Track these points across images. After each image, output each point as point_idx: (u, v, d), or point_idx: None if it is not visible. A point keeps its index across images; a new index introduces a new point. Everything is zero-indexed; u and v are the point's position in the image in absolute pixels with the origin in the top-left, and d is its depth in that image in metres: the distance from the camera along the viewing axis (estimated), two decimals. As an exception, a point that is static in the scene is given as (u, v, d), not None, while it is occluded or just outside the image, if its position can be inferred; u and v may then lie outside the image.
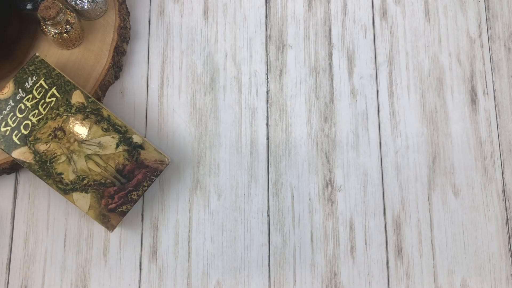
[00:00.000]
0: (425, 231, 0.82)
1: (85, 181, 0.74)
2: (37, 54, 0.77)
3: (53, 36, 0.79)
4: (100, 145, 0.75)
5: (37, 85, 0.76)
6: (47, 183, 0.75)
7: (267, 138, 0.84)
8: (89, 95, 0.76)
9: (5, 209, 0.82)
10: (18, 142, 0.75)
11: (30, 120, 0.75)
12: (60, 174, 0.75)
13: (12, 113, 0.75)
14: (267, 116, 0.85)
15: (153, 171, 0.76)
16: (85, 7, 0.80)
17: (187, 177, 0.83)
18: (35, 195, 0.82)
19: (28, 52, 0.83)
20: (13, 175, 0.83)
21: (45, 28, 0.78)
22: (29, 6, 0.82)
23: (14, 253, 0.80)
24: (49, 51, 0.83)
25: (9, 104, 0.75)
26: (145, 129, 0.84)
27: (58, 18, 0.76)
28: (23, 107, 0.75)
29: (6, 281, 0.79)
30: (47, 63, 0.77)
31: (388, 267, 0.81)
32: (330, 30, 0.90)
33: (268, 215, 0.82)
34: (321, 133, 0.85)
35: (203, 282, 0.80)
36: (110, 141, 0.75)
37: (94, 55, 0.83)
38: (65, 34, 0.79)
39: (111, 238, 0.81)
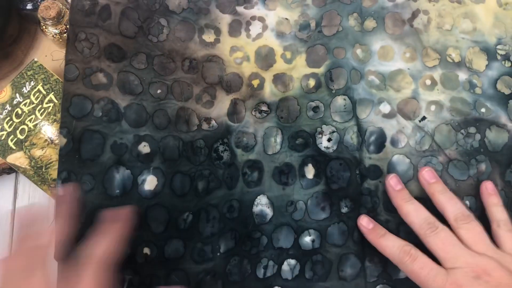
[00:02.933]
0: None
1: (80, 188, 0.75)
2: (35, 59, 0.77)
3: (53, 36, 0.79)
4: (96, 152, 0.75)
5: (35, 90, 0.76)
6: (42, 189, 0.75)
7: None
8: (86, 101, 0.76)
9: (5, 209, 0.82)
10: (14, 147, 0.75)
11: (27, 125, 0.75)
12: (56, 180, 0.75)
13: (8, 118, 0.76)
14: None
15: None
16: (85, 7, 0.80)
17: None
18: (35, 196, 0.82)
19: (28, 52, 0.83)
20: (13, 175, 0.83)
21: (45, 28, 0.78)
22: (29, 6, 0.82)
23: None
24: (50, 52, 0.83)
25: (6, 109, 0.76)
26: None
27: (58, 18, 0.75)
28: (20, 111, 0.76)
29: None
30: (45, 68, 0.76)
31: None
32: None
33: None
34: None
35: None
36: (106, 148, 0.75)
37: (94, 55, 0.82)
38: (65, 34, 0.79)
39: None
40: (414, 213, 0.65)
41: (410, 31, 0.74)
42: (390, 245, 0.65)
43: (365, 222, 0.68)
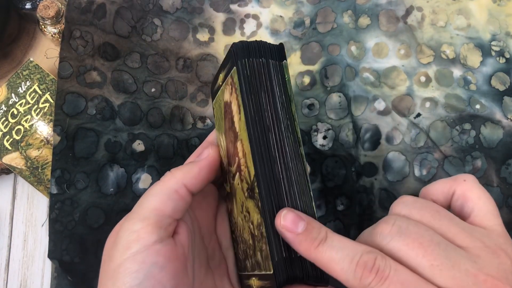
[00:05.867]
0: None
1: (76, 186, 0.75)
2: (31, 59, 0.77)
3: (52, 36, 0.79)
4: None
5: (31, 90, 0.76)
6: (38, 190, 0.75)
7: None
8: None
9: (4, 209, 0.82)
10: (10, 148, 0.75)
11: (23, 126, 0.75)
12: (51, 180, 0.75)
13: (4, 118, 0.75)
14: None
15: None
16: (84, 7, 0.80)
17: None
18: (34, 195, 0.81)
19: (27, 51, 0.83)
20: (12, 175, 0.82)
21: (44, 27, 0.78)
22: (28, 6, 0.82)
23: (13, 253, 0.80)
24: (48, 51, 0.83)
25: (1, 109, 0.76)
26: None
27: (57, 17, 0.76)
28: (15, 112, 0.75)
29: (5, 282, 0.79)
30: (41, 68, 0.76)
31: None
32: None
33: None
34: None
35: None
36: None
37: (92, 55, 0.83)
38: (64, 33, 0.79)
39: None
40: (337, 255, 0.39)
41: (404, 28, 0.74)
42: (336, 256, 0.39)
43: (290, 222, 0.41)
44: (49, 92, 0.76)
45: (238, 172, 0.45)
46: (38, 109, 0.75)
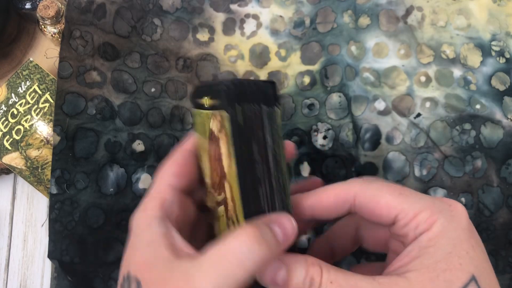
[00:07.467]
0: None
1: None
2: (31, 59, 0.76)
3: (52, 35, 0.79)
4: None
5: (31, 90, 0.76)
6: (38, 190, 0.75)
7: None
8: (81, 101, 0.76)
9: (3, 209, 0.82)
10: (9, 148, 0.75)
11: (23, 126, 0.75)
12: (52, 180, 0.75)
13: (4, 118, 0.75)
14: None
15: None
16: (84, 7, 0.80)
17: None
18: (34, 196, 0.81)
19: (27, 51, 0.83)
20: (11, 175, 0.82)
21: (44, 27, 0.78)
22: (28, 6, 0.82)
23: (12, 254, 0.80)
24: (48, 51, 0.83)
25: (1, 109, 0.76)
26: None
27: (57, 17, 0.75)
28: (15, 112, 0.75)
29: (4, 282, 0.79)
30: (41, 68, 0.76)
31: None
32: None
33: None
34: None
35: None
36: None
37: (92, 55, 0.83)
38: (63, 33, 0.79)
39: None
40: None
41: (404, 28, 0.74)
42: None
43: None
44: (49, 92, 0.75)
45: (224, 207, 0.44)
46: (38, 109, 0.75)
